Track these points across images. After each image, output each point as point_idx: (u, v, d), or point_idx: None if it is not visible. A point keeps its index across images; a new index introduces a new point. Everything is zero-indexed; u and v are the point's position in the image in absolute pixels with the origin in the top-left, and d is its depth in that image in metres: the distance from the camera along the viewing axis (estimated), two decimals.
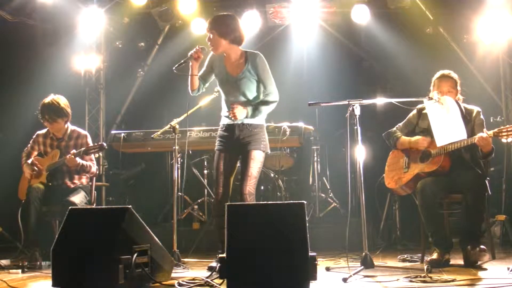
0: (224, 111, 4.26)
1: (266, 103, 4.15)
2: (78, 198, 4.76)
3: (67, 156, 4.72)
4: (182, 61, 4.17)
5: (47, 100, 4.92)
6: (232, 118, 4.06)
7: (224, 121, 4.25)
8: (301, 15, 6.95)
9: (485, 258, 3.97)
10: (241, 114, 4.04)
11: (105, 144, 4.84)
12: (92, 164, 4.93)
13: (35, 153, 5.04)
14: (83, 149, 4.79)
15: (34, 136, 5.10)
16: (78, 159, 4.77)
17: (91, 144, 4.94)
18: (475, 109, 4.35)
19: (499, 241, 5.57)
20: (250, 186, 4.10)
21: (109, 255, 3.15)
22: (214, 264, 4.09)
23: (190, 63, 4.18)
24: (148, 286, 3.35)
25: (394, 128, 4.58)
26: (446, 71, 4.39)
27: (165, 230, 5.72)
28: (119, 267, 3.11)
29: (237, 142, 4.16)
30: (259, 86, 4.18)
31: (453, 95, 4.30)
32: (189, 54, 4.18)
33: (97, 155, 5.06)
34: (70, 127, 5.04)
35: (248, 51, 4.22)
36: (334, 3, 6.94)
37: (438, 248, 4.10)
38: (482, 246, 3.93)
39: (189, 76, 4.19)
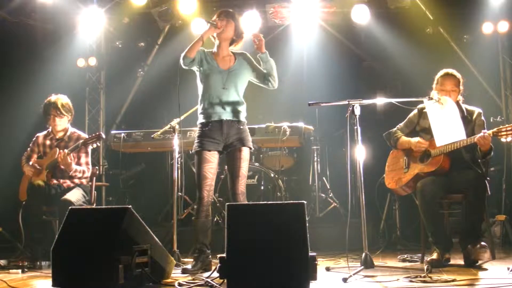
0: (206, 106, 4.14)
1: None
2: (75, 197, 4.72)
3: (60, 152, 4.69)
4: (209, 21, 4.11)
5: (52, 99, 4.92)
6: (258, 44, 4.08)
7: (208, 118, 4.13)
8: (301, 15, 6.95)
9: (486, 255, 3.95)
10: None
11: (103, 134, 4.86)
12: (86, 168, 4.89)
13: (35, 155, 5.01)
14: (75, 144, 4.78)
15: (34, 138, 5.08)
16: (73, 165, 4.77)
17: (90, 148, 4.91)
18: (476, 110, 4.36)
19: (499, 241, 5.57)
20: (242, 185, 4.11)
21: (109, 255, 3.15)
22: (189, 266, 3.99)
23: (208, 28, 4.10)
24: (148, 286, 3.35)
25: (395, 128, 4.58)
26: (449, 70, 4.39)
27: (165, 230, 5.72)
28: (119, 267, 3.12)
29: (224, 140, 4.12)
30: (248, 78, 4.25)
31: (456, 94, 4.31)
32: (214, 20, 4.11)
33: (95, 145, 4.96)
34: (70, 128, 5.03)
35: (234, 52, 4.28)
36: (334, 3, 6.93)
37: (438, 248, 4.10)
38: (482, 243, 3.92)
39: (198, 40, 4.03)
